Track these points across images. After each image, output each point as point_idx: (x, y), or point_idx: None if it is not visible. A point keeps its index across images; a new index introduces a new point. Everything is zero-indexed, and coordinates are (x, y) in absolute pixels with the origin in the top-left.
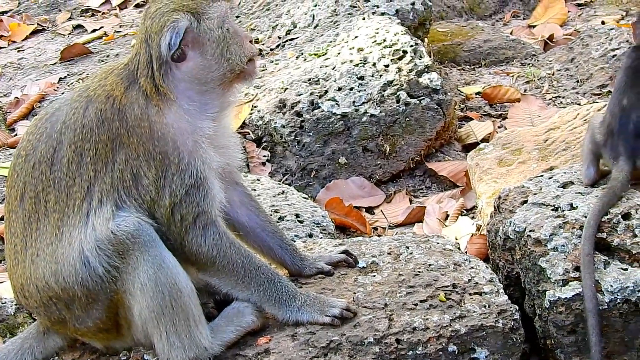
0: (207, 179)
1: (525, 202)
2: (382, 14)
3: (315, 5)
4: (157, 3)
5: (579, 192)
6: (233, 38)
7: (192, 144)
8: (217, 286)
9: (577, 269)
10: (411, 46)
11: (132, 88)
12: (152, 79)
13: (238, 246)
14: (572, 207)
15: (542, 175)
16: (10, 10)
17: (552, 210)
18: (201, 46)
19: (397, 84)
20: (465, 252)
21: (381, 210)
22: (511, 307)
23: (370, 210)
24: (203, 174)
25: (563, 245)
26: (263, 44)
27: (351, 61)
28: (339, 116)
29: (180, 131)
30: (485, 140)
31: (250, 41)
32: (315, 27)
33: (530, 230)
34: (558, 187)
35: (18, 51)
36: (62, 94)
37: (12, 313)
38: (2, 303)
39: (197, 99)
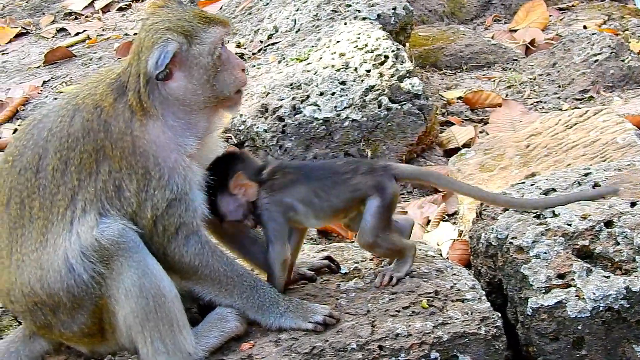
0: (188, 194)
1: (507, 209)
2: (364, 18)
3: (297, 10)
4: (154, 16)
5: None
6: (223, 65)
7: (173, 160)
8: (199, 294)
9: (559, 276)
10: (393, 51)
11: (120, 100)
12: (138, 94)
13: (220, 254)
14: (554, 215)
15: (524, 182)
16: None
17: (534, 217)
18: (188, 69)
19: (379, 89)
20: (447, 258)
21: None
22: (494, 314)
23: None
24: (184, 190)
25: (545, 253)
26: (245, 48)
27: (333, 66)
28: (320, 121)
29: (162, 147)
30: (466, 145)
31: (243, 69)
32: (297, 32)
33: (512, 237)
34: (540, 194)
35: (2, 54)
36: (46, 97)
37: None
38: None
39: (183, 117)
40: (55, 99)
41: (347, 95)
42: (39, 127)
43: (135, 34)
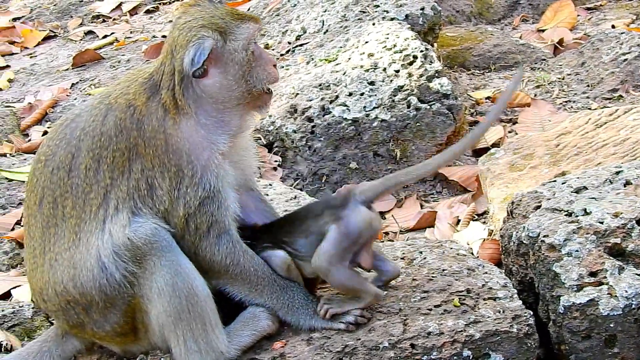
0: (221, 192)
1: (539, 207)
2: (392, 19)
3: (325, 11)
4: (187, 15)
5: (593, 198)
6: (257, 61)
7: (206, 158)
8: (230, 293)
9: (591, 274)
10: (421, 51)
11: (153, 99)
12: (172, 92)
13: (251, 254)
14: (585, 213)
15: (555, 180)
16: (23, 16)
17: (566, 215)
18: (224, 66)
19: (408, 89)
20: (477, 257)
21: (392, 215)
22: (525, 312)
23: (381, 215)
24: (216, 187)
25: (577, 251)
26: (273, 50)
27: (362, 66)
28: (349, 121)
29: (194, 145)
30: (495, 145)
31: (274, 65)
32: (325, 33)
33: (544, 236)
34: (571, 192)
35: (30, 57)
36: (75, 99)
37: (30, 317)
38: (20, 307)
39: (215, 115)
40: (84, 101)
41: (376, 95)
42: (71, 127)
43: (163, 36)
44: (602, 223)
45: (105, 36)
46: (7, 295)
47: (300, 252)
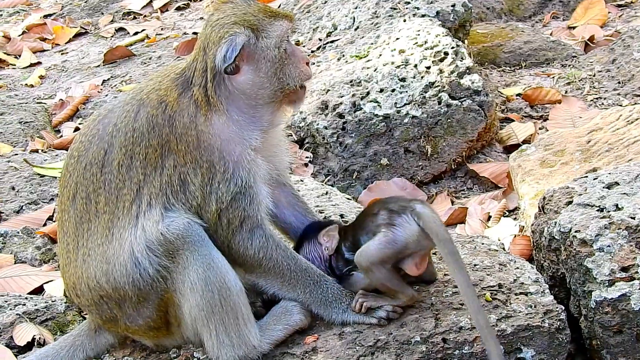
0: (253, 187)
1: (570, 202)
2: (423, 15)
3: (356, 8)
4: (219, 12)
5: (625, 193)
6: (289, 59)
7: (237, 154)
8: (263, 287)
9: (623, 269)
10: (452, 48)
11: (185, 95)
12: (204, 88)
13: (284, 248)
14: (617, 208)
15: (586, 176)
16: (54, 13)
17: (598, 210)
18: (256, 63)
19: (439, 86)
20: (509, 252)
21: None
22: (557, 307)
23: None
24: (248, 183)
25: (609, 246)
26: (304, 46)
27: (392, 63)
28: (380, 117)
29: (226, 142)
30: (526, 141)
31: (307, 63)
32: (356, 29)
33: (575, 231)
34: (603, 187)
35: (62, 54)
36: (106, 95)
37: (62, 311)
38: (53, 301)
39: (247, 111)
40: (115, 97)
41: (407, 91)
42: (104, 122)
43: (194, 33)
44: (633, 218)
45: (136, 33)
46: (40, 290)
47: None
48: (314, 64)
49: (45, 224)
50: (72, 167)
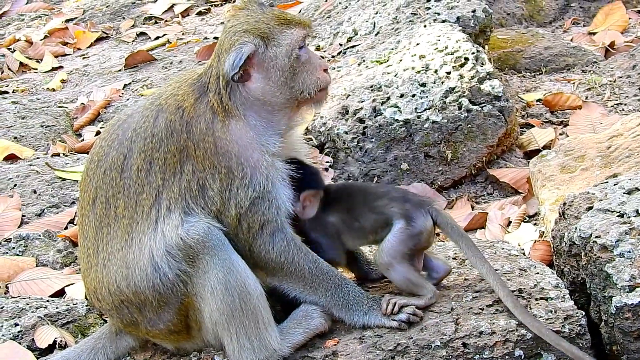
0: (271, 192)
1: (591, 208)
2: (443, 21)
3: (377, 13)
4: (235, 19)
5: None
6: (303, 67)
7: (255, 159)
8: (285, 290)
9: None
10: (472, 53)
11: (202, 101)
12: (219, 94)
13: (305, 251)
14: (638, 214)
15: (607, 182)
16: (76, 18)
17: (618, 216)
18: (265, 71)
19: (459, 91)
20: (529, 257)
21: None
22: (577, 313)
23: None
24: (267, 188)
25: (629, 252)
26: (324, 51)
27: (413, 68)
28: (401, 122)
29: (244, 147)
30: (546, 147)
31: (325, 70)
32: (376, 35)
33: (596, 237)
34: (624, 193)
35: (83, 58)
36: (127, 99)
37: (84, 314)
38: (74, 304)
39: (265, 117)
40: (136, 101)
41: (427, 97)
42: (123, 127)
43: (215, 37)
44: None
45: (157, 37)
46: (61, 293)
47: (364, 225)
48: (334, 69)
49: (66, 227)
50: (92, 171)
